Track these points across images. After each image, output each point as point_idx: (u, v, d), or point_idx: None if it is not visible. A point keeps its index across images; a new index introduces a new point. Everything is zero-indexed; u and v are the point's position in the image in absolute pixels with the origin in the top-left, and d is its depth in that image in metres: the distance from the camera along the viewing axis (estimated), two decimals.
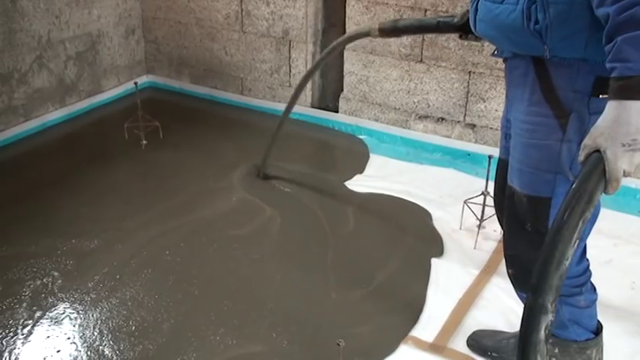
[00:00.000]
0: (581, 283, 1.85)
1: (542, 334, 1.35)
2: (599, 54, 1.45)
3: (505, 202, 1.87)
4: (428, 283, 2.61)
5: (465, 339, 2.28)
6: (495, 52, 1.81)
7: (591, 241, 1.83)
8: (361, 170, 3.54)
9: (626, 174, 1.34)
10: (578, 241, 1.34)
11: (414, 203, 3.20)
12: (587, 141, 1.39)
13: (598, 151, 1.36)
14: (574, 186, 1.36)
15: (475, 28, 1.76)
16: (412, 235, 2.96)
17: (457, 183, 3.38)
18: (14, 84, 3.73)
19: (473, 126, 3.66)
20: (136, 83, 3.81)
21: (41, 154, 3.69)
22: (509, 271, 1.90)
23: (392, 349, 2.27)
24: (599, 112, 1.39)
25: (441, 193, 3.28)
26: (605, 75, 1.41)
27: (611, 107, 1.35)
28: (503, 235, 1.93)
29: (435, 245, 2.87)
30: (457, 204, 3.01)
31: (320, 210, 3.15)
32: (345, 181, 3.43)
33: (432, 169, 3.55)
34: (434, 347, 2.27)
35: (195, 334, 2.33)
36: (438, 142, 3.73)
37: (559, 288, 1.35)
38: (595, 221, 1.77)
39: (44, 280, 2.60)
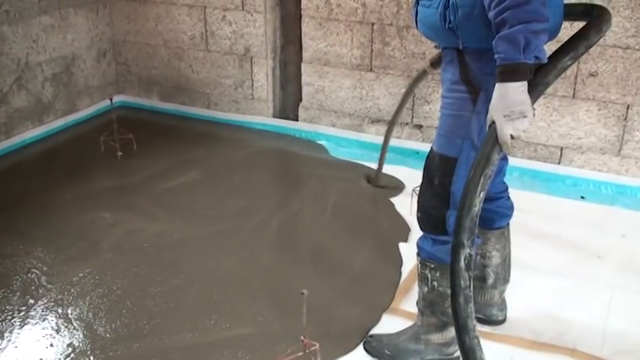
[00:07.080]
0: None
1: (462, 263, 1.76)
2: None
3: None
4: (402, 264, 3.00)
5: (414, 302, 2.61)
6: (436, 45, 2.33)
7: None
8: None
9: (514, 138, 1.77)
10: (483, 193, 1.74)
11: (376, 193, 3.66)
12: (488, 115, 1.82)
13: (494, 122, 1.79)
14: (479, 150, 1.80)
15: (417, 28, 2.16)
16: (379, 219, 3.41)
17: (409, 176, 3.73)
18: None
19: (420, 127, 4.05)
20: (111, 99, 4.11)
21: (22, 169, 3.96)
22: (418, 214, 2.26)
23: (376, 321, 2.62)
24: None
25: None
26: None
27: (496, 88, 1.80)
28: (420, 185, 2.29)
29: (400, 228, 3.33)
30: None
31: (299, 201, 3.58)
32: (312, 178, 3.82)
33: (386, 167, 3.89)
34: (391, 310, 2.69)
35: (187, 317, 2.62)
36: (389, 143, 4.08)
37: (472, 228, 1.74)
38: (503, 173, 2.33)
39: (29, 275, 2.86)
